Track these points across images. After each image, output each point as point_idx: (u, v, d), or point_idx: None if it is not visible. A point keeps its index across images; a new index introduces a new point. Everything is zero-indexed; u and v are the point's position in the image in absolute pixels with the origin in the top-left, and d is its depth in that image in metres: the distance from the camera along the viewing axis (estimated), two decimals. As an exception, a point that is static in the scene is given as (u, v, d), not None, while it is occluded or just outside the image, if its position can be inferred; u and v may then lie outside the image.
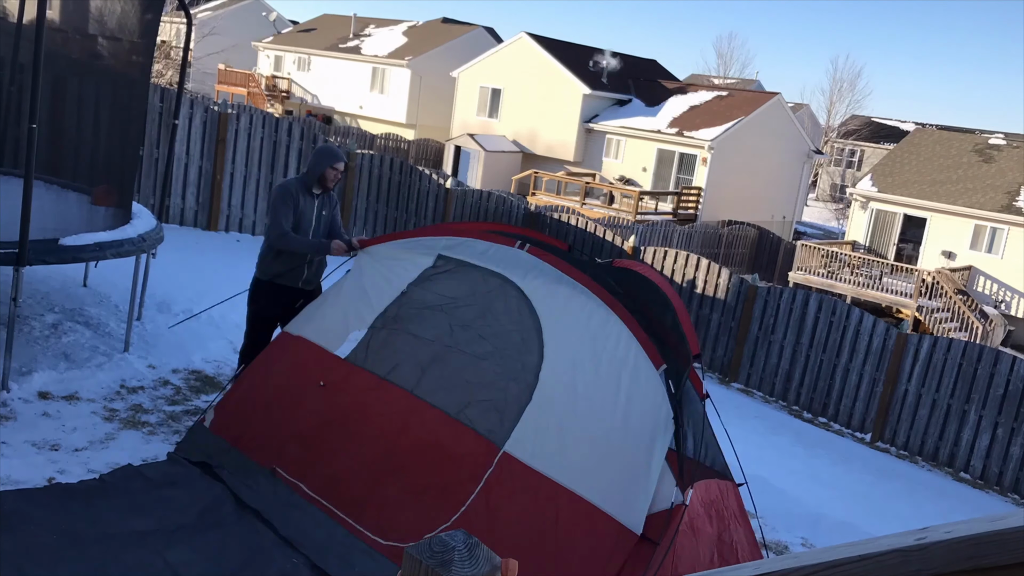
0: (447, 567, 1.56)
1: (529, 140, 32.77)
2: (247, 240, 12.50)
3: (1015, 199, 24.96)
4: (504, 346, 4.64)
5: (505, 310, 4.75)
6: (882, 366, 11.84)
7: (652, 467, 4.06)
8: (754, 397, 12.72)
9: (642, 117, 31.42)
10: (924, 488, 10.32)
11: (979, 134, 33.20)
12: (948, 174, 26.84)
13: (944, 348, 11.50)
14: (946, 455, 11.41)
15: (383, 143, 34.84)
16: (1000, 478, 11.04)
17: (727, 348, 13.19)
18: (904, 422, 11.69)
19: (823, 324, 12.34)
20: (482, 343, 4.72)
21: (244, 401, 5.31)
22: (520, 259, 4.86)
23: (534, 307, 4.66)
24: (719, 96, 32.56)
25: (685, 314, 4.69)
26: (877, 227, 27.26)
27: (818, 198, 50.68)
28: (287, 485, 4.82)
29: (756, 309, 12.86)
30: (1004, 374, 11.01)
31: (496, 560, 1.64)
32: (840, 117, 53.97)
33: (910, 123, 51.30)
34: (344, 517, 4.56)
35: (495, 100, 33.95)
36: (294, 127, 13.10)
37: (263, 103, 38.21)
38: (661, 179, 30.64)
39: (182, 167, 11.99)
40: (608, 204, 28.47)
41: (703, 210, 29.10)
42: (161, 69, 27.24)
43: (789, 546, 6.72)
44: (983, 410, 11.14)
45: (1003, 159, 26.78)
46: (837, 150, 51.79)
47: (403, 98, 37.24)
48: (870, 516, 8.12)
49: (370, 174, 13.82)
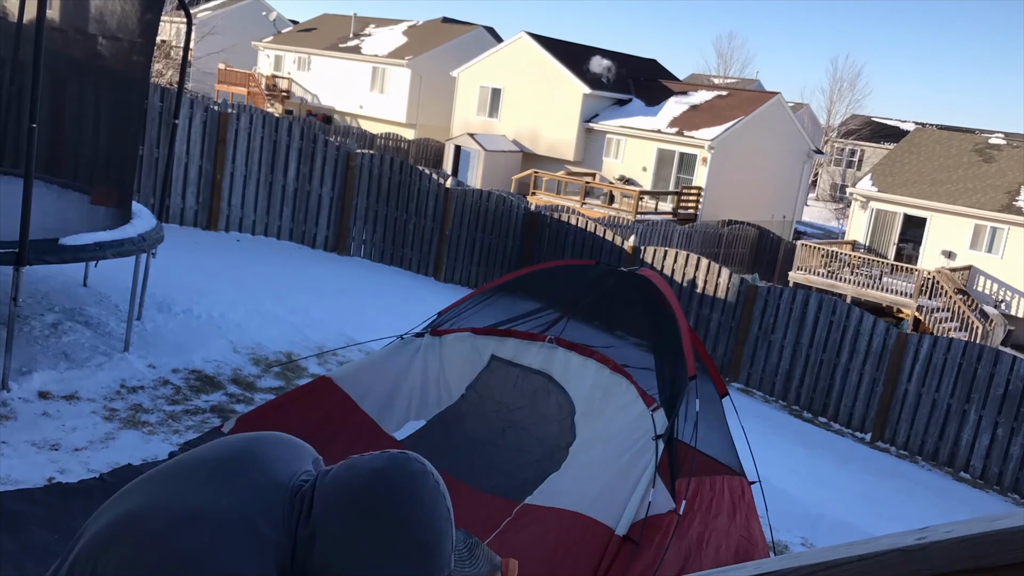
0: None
1: (529, 140, 32.77)
2: (247, 240, 12.50)
3: (1015, 199, 24.95)
4: (545, 437, 5.13)
5: (546, 406, 5.25)
6: (882, 366, 11.84)
7: (637, 472, 4.38)
8: (754, 397, 12.72)
9: (642, 117, 31.42)
10: (924, 488, 10.32)
11: (979, 134, 33.20)
12: (948, 174, 26.83)
13: (944, 348, 11.49)
14: (946, 455, 11.41)
15: (383, 143, 34.83)
16: (1000, 478, 11.04)
17: (727, 348, 13.19)
18: (904, 422, 11.69)
19: (823, 324, 12.34)
20: (529, 441, 5.17)
21: (272, 424, 5.27)
22: (553, 353, 5.36)
23: (569, 395, 5.16)
24: (719, 96, 32.56)
25: (687, 329, 5.01)
26: (877, 227, 27.26)
27: (818, 198, 50.67)
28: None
29: (756, 309, 12.86)
30: (1004, 374, 11.01)
31: (496, 559, 1.64)
32: (840, 117, 53.99)
33: (910, 123, 51.30)
34: None
35: (495, 100, 33.95)
36: (294, 127, 13.10)
37: (263, 103, 38.20)
38: (661, 179, 30.64)
39: (182, 167, 11.98)
40: (608, 204, 28.47)
41: (703, 210, 29.10)
42: (161, 69, 27.24)
43: (789, 546, 6.72)
44: (983, 410, 11.14)
45: (1003, 159, 26.77)
46: (837, 150, 51.78)
47: (403, 98, 37.23)
48: (870, 516, 8.12)
49: (370, 174, 13.82)
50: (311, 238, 13.22)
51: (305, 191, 13.15)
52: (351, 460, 1.34)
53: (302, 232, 13.19)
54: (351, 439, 5.08)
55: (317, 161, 13.21)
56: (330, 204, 13.37)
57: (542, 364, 5.36)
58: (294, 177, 13.03)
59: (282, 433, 1.48)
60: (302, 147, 13.05)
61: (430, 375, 5.48)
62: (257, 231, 12.82)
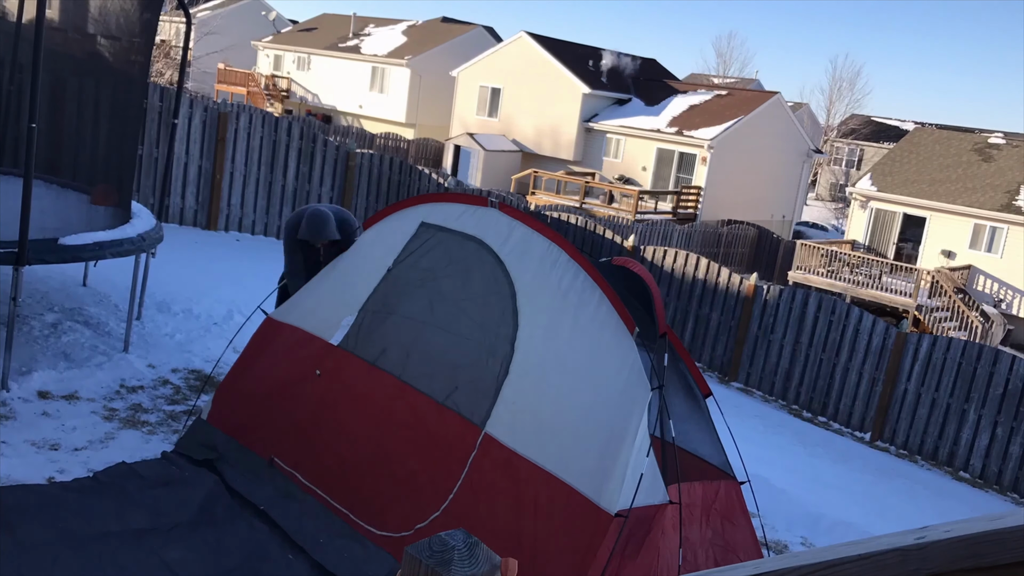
0: (447, 566, 1.56)
1: (529, 140, 32.77)
2: (247, 239, 12.49)
3: (1015, 198, 24.95)
4: (483, 319, 4.66)
5: (481, 279, 4.77)
6: (882, 365, 11.84)
7: (634, 446, 4.01)
8: (754, 396, 12.72)
9: (642, 116, 31.41)
10: (923, 487, 10.32)
11: (979, 133, 33.20)
12: (948, 173, 26.83)
13: (944, 347, 11.50)
14: (945, 454, 11.41)
15: (383, 142, 34.82)
16: (999, 477, 11.04)
17: (727, 347, 13.19)
18: (904, 421, 11.69)
19: (823, 323, 12.34)
20: (461, 318, 4.75)
21: (241, 391, 5.33)
22: (492, 218, 4.90)
23: (509, 272, 4.67)
24: (719, 95, 32.55)
25: (659, 299, 4.65)
26: (877, 226, 27.26)
27: (818, 197, 50.68)
28: (285, 475, 4.84)
29: (756, 308, 12.86)
30: (1003, 373, 11.01)
31: (496, 559, 1.64)
32: (840, 116, 54.00)
33: (910, 122, 51.29)
34: (340, 508, 4.57)
35: (495, 99, 33.94)
36: (293, 126, 13.10)
37: (263, 102, 38.19)
38: (661, 178, 30.63)
39: (182, 166, 11.98)
40: (608, 203, 28.46)
41: (703, 209, 29.09)
42: (161, 68, 27.25)
43: (789, 545, 6.72)
44: (983, 409, 11.14)
45: (1003, 158, 26.77)
46: (837, 149, 51.78)
47: (403, 97, 37.22)
48: (870, 515, 8.12)
49: (369, 173, 13.82)
50: (311, 238, 13.20)
51: (305, 190, 13.14)
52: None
53: (302, 232, 13.17)
54: (304, 361, 5.14)
55: (317, 161, 13.21)
56: (330, 204, 13.36)
57: (478, 231, 4.91)
58: (294, 177, 13.03)
59: None
60: (302, 147, 13.05)
61: (359, 265, 5.37)
62: (257, 231, 12.82)
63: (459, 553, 1.58)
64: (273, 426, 5.08)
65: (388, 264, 5.20)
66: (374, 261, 5.29)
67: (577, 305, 4.44)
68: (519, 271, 4.65)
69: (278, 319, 5.52)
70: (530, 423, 4.27)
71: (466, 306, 4.77)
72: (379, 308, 5.09)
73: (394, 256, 5.21)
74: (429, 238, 5.12)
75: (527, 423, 4.28)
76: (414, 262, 5.12)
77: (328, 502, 4.62)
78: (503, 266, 4.71)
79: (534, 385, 4.37)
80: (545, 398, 4.31)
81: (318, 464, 4.80)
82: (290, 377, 5.19)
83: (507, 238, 4.79)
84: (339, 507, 4.56)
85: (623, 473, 3.94)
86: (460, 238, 4.96)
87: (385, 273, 5.19)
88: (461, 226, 4.99)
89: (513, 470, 4.20)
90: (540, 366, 4.39)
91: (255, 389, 5.27)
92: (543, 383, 4.35)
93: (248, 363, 5.44)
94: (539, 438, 4.21)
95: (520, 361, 4.43)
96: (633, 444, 3.99)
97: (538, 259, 4.64)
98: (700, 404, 4.98)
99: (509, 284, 4.64)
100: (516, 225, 4.80)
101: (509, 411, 4.35)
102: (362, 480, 4.61)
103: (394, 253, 5.22)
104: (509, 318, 4.56)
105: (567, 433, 4.18)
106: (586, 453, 4.09)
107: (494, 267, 4.74)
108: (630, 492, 3.90)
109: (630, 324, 4.29)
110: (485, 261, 4.79)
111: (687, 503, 4.30)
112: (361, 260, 5.40)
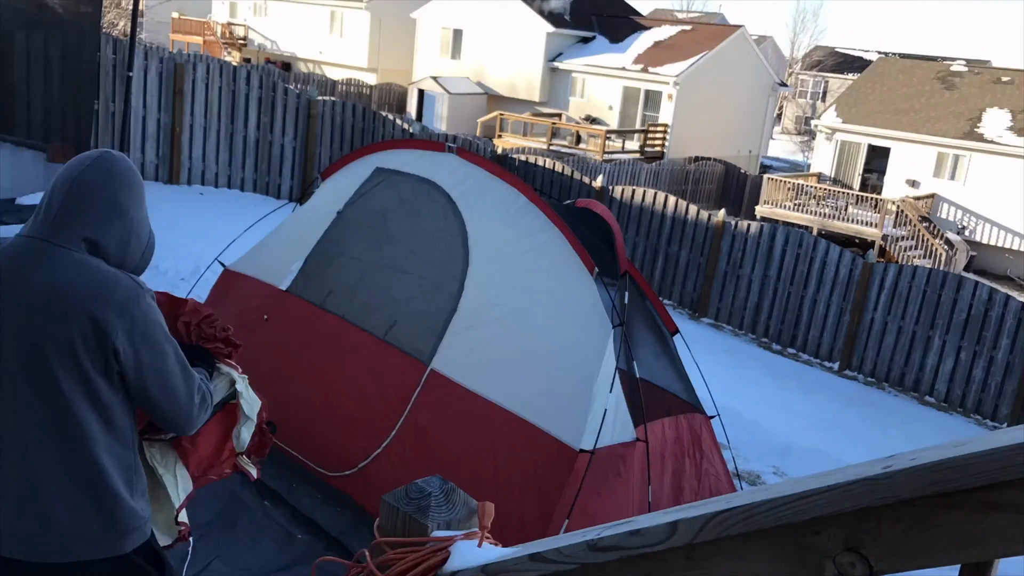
0: (424, 513, 1.57)
1: (494, 82, 32.38)
2: (210, 192, 12.31)
3: (976, 125, 25.14)
4: (430, 256, 4.60)
5: (430, 218, 4.71)
6: (849, 296, 12.01)
7: (596, 383, 3.94)
8: (724, 331, 12.87)
9: (607, 54, 31.11)
10: (891, 413, 10.57)
11: (941, 61, 33.27)
12: (911, 103, 26.94)
13: (909, 276, 11.67)
14: (912, 381, 11.66)
15: (344, 89, 34.23)
16: (963, 400, 11.32)
17: (696, 284, 13.29)
18: (871, 350, 11.90)
19: (790, 257, 12.46)
20: (409, 257, 4.69)
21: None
22: (449, 163, 4.86)
23: (460, 212, 4.62)
24: (683, 31, 32.27)
25: (620, 239, 4.61)
26: (842, 158, 27.40)
27: (784, 131, 50.74)
28: None
29: (724, 244, 12.94)
30: (967, 299, 11.22)
31: (472, 504, 1.65)
32: (804, 49, 53.83)
33: (874, 52, 51.23)
34: (292, 451, 4.51)
35: (457, 41, 33.41)
36: (252, 75, 12.82)
37: (220, 52, 37.28)
38: (627, 117, 30.47)
39: (140, 120, 11.71)
40: (575, 144, 28.31)
41: (670, 147, 29.04)
42: (112, 19, 26.46)
43: (761, 475, 6.87)
44: (947, 335, 11.37)
45: (965, 86, 26.90)
46: (802, 82, 51.71)
47: (363, 42, 36.49)
48: (839, 443, 8.31)
49: (332, 122, 13.60)
50: (275, 189, 13.04)
51: (267, 141, 12.93)
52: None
53: (266, 183, 13.00)
54: (254, 307, 5.14)
55: (278, 110, 12.97)
56: (293, 154, 13.18)
57: (432, 174, 4.85)
58: (255, 127, 12.80)
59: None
60: (262, 96, 12.80)
61: (312, 214, 5.34)
62: (220, 183, 12.63)
63: (436, 499, 1.60)
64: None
65: (339, 208, 5.15)
66: (326, 208, 5.24)
67: (535, 247, 4.39)
68: (472, 212, 4.60)
69: (236, 270, 5.49)
70: (486, 363, 4.19)
71: (414, 246, 4.71)
72: (327, 251, 5.05)
73: (345, 200, 5.15)
74: (381, 181, 5.06)
75: (482, 362, 4.20)
76: (364, 204, 5.06)
77: (283, 448, 4.59)
78: (455, 206, 4.65)
79: (488, 324, 4.29)
80: (502, 338, 4.23)
81: (272, 409, 4.79)
82: (242, 324, 5.17)
83: (461, 180, 4.73)
84: (291, 451, 4.48)
85: (586, 410, 3.86)
86: (413, 180, 4.90)
87: (335, 217, 5.13)
88: (416, 170, 4.93)
89: (468, 407, 4.11)
90: (495, 305, 4.32)
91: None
92: (499, 323, 4.28)
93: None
94: (496, 377, 4.13)
95: (471, 299, 4.36)
96: (595, 381, 3.93)
97: (494, 202, 4.59)
98: (668, 341, 5.00)
99: (460, 224, 4.57)
100: (472, 169, 4.75)
101: (459, 349, 4.26)
102: (312, 422, 4.55)
103: (346, 198, 5.16)
104: (459, 256, 4.48)
105: (526, 372, 4.10)
106: (547, 392, 4.02)
107: (445, 207, 4.68)
108: (595, 429, 3.83)
109: (590, 264, 4.25)
110: (436, 201, 4.73)
111: (657, 438, 4.31)
112: (314, 209, 5.37)
